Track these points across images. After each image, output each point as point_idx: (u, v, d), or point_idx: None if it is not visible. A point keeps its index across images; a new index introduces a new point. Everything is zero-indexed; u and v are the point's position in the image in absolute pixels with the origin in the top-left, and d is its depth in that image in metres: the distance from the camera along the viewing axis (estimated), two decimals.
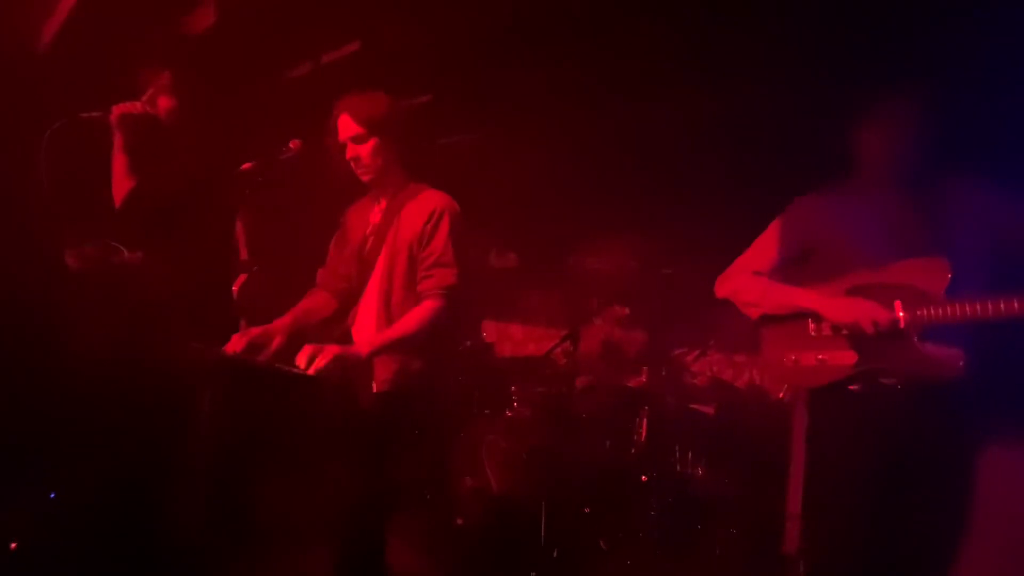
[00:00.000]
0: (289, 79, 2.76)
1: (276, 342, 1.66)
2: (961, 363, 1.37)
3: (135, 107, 1.64)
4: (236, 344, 1.62)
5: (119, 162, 1.64)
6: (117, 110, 1.62)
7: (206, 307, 1.80)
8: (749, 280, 1.65)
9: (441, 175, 1.89)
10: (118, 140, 1.65)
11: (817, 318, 1.53)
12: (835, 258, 1.54)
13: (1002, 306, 1.30)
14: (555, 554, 2.38)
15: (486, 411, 2.93)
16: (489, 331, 3.98)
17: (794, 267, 1.63)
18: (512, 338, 4.25)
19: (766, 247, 1.67)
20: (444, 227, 1.68)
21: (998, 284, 1.36)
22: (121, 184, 1.63)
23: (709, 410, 2.87)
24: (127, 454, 1.86)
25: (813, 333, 1.54)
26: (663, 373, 2.87)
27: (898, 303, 1.42)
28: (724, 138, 2.78)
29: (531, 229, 3.66)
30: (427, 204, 1.72)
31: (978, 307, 1.32)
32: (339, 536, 1.65)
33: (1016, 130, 1.85)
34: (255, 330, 1.66)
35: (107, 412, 1.89)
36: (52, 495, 2.07)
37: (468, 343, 3.35)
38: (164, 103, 1.69)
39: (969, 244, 1.42)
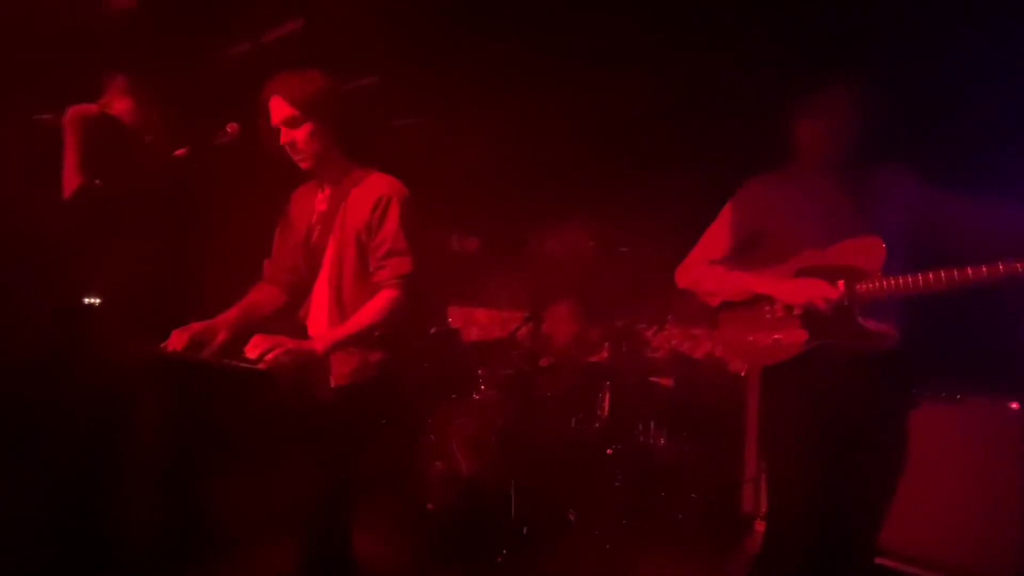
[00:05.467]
0: (227, 58, 2.54)
1: (220, 337, 1.52)
2: (896, 335, 1.48)
3: (90, 109, 1.64)
4: (177, 341, 1.48)
5: (70, 159, 1.62)
6: (71, 112, 1.61)
7: (158, 304, 1.67)
8: (707, 270, 1.71)
9: (397, 158, 1.77)
10: (70, 139, 1.62)
11: (771, 301, 1.61)
12: (781, 243, 1.62)
13: (932, 279, 1.40)
14: (524, 531, 2.36)
15: (453, 395, 2.86)
16: (455, 316, 3.89)
17: (746, 252, 1.70)
18: (478, 322, 4.17)
19: (718, 236, 1.72)
20: (393, 214, 1.56)
21: (918, 262, 1.46)
22: (71, 179, 1.62)
23: (668, 382, 2.89)
24: (72, 462, 1.71)
25: (768, 315, 1.62)
26: (623, 349, 2.86)
27: (841, 282, 1.51)
28: (675, 117, 2.76)
29: (491, 212, 3.57)
30: (373, 191, 1.59)
31: (911, 281, 1.42)
32: (302, 532, 1.56)
33: (940, 123, 2.01)
34: (197, 325, 1.52)
35: (47, 420, 1.73)
36: None
37: (433, 329, 3.26)
38: (121, 105, 1.69)
39: (893, 226, 1.52)
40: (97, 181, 1.63)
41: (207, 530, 1.78)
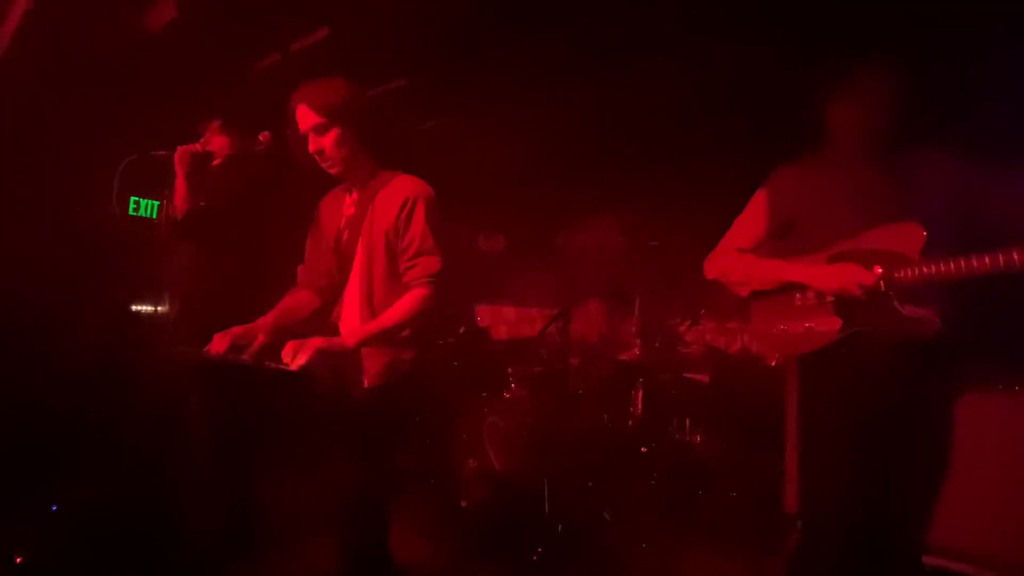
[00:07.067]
0: (258, 70, 2.62)
1: (259, 340, 1.56)
2: (937, 321, 1.41)
3: (195, 148, 2.01)
4: (218, 344, 1.54)
5: (180, 188, 2.01)
6: (180, 150, 1.98)
7: (227, 308, 1.81)
8: (736, 259, 1.66)
9: (423, 160, 1.78)
10: (180, 172, 1.99)
11: (802, 288, 1.56)
12: (814, 230, 1.56)
13: (975, 263, 1.33)
14: (560, 529, 2.34)
15: (484, 394, 2.86)
16: (483, 315, 3.91)
17: (776, 240, 1.63)
18: (506, 320, 4.18)
19: (748, 224, 1.67)
20: (419, 214, 1.58)
21: (967, 246, 1.38)
22: (182, 204, 2.03)
23: (704, 378, 2.82)
24: (120, 462, 1.80)
25: (799, 303, 1.57)
26: (656, 345, 2.81)
27: (877, 267, 1.45)
28: (701, 108, 2.69)
29: (518, 210, 3.56)
30: (399, 192, 1.61)
31: (952, 266, 1.35)
32: (340, 530, 1.59)
33: (982, 99, 1.93)
34: (237, 329, 1.57)
35: (97, 422, 1.83)
36: (54, 507, 2.01)
37: (462, 329, 3.28)
38: (218, 143, 2.06)
39: (934, 210, 1.45)
40: (202, 203, 2.01)
41: (249, 527, 1.84)
